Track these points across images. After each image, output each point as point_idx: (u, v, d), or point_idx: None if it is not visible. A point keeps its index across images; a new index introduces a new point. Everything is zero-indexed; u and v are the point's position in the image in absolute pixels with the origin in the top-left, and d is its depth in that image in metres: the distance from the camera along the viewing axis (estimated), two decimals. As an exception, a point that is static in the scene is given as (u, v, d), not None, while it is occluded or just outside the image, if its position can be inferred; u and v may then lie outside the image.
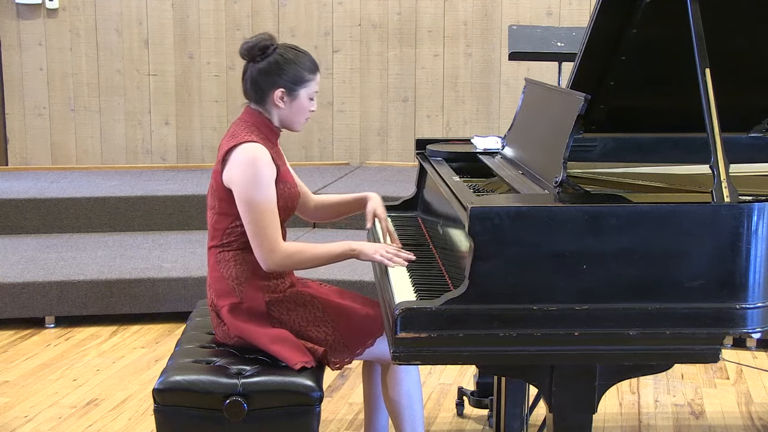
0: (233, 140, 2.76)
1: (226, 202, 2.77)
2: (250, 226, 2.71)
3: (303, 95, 2.81)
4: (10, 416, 3.68)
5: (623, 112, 3.01)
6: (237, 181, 2.72)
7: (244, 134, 2.77)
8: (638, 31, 2.76)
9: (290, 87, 2.79)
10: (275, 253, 2.71)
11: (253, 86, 2.82)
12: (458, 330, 2.19)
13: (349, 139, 6.55)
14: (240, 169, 2.71)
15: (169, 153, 6.58)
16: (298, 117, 2.84)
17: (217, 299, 2.83)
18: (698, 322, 2.22)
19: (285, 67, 2.78)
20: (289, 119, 2.84)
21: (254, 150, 2.72)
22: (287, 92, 2.79)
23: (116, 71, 6.50)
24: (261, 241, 2.71)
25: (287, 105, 2.80)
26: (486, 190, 2.85)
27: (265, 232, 2.70)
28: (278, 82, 2.78)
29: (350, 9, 6.43)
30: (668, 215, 2.21)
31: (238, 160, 2.72)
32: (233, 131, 2.81)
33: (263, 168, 2.71)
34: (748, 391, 3.99)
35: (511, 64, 6.13)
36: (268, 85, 2.79)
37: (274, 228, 2.71)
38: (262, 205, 2.70)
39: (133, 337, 4.60)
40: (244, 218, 2.72)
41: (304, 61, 2.81)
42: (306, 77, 2.80)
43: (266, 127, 2.83)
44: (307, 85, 2.81)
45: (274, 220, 2.72)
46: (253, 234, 2.72)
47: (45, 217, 5.52)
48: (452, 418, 3.68)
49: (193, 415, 2.63)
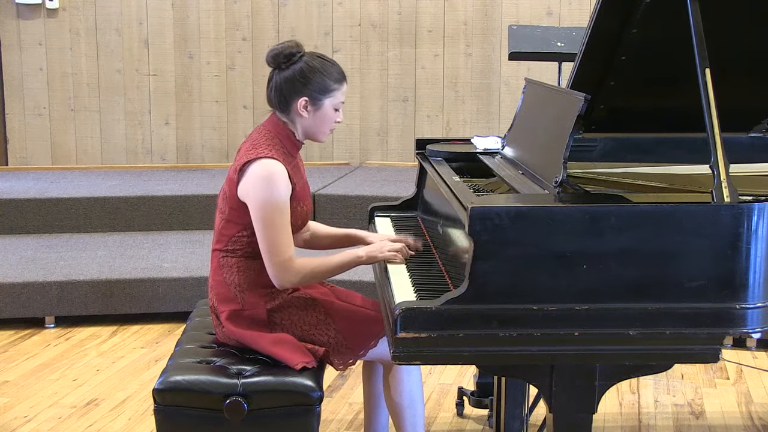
0: (253, 152, 2.73)
1: (237, 211, 2.76)
2: (263, 243, 2.70)
3: (328, 105, 2.76)
4: (10, 416, 3.68)
5: (623, 112, 3.01)
6: (253, 198, 2.69)
7: (264, 147, 2.73)
8: (638, 31, 2.76)
9: (315, 96, 2.74)
10: (288, 270, 2.70)
11: (277, 94, 2.77)
12: (458, 330, 2.19)
13: (349, 139, 6.55)
14: (257, 187, 2.68)
15: (169, 153, 6.58)
16: (322, 127, 2.79)
17: (218, 304, 2.83)
18: (698, 322, 2.22)
19: (310, 75, 2.73)
20: (313, 130, 2.80)
21: (271, 166, 2.69)
22: (311, 101, 2.74)
23: (116, 71, 6.50)
24: (274, 259, 2.69)
25: (311, 115, 2.76)
26: (486, 190, 2.85)
27: (278, 249, 2.68)
28: (303, 90, 2.73)
29: (350, 9, 6.43)
30: (668, 215, 2.21)
31: (256, 175, 2.69)
32: (254, 139, 2.78)
33: (279, 186, 2.68)
34: (748, 391, 3.99)
35: (511, 64, 6.13)
36: (292, 94, 2.74)
37: (287, 245, 2.70)
38: (275, 223, 2.67)
39: (133, 337, 4.59)
40: (259, 235, 2.70)
41: (331, 71, 2.76)
42: (331, 87, 2.75)
43: (288, 139, 2.80)
44: (333, 95, 2.76)
45: (286, 238, 2.70)
46: (265, 251, 2.70)
47: (45, 217, 5.52)
48: (452, 418, 3.68)
49: (193, 415, 2.63)
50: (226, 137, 6.55)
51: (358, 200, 5.45)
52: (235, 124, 6.54)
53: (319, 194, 5.55)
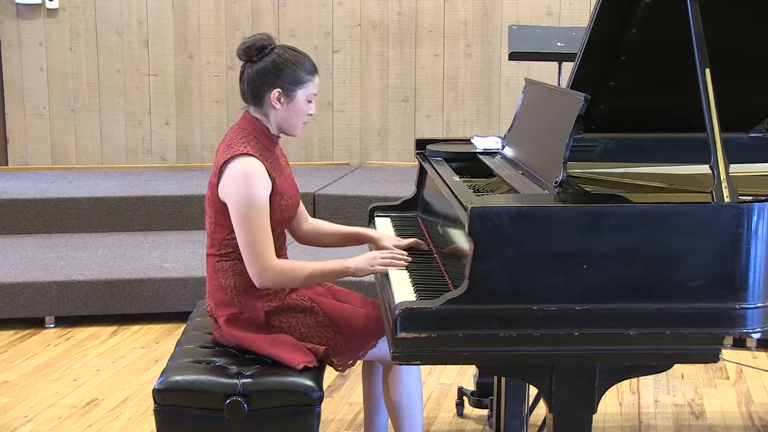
0: (228, 152, 2.72)
1: (221, 214, 2.75)
2: (242, 242, 2.69)
3: (300, 97, 2.76)
4: (10, 416, 3.68)
5: (623, 112, 3.01)
6: (231, 197, 2.69)
7: (239, 145, 2.73)
8: (638, 31, 2.76)
9: (287, 87, 2.74)
10: (267, 270, 2.68)
11: (249, 87, 2.78)
12: (458, 330, 2.19)
13: (349, 139, 6.55)
14: (234, 185, 2.68)
15: (169, 153, 6.58)
16: (296, 120, 2.79)
17: (216, 308, 2.82)
18: (698, 322, 2.22)
19: (282, 67, 2.74)
20: (287, 122, 2.79)
21: (248, 164, 2.68)
22: (284, 93, 2.75)
23: (116, 71, 6.50)
24: (253, 258, 2.68)
25: (284, 107, 2.76)
26: (486, 190, 2.85)
27: (257, 249, 2.67)
28: (275, 82, 2.74)
29: (350, 9, 6.42)
30: (668, 215, 2.21)
31: (233, 174, 2.68)
32: (229, 140, 2.78)
33: (257, 183, 2.67)
34: (748, 391, 3.99)
35: (511, 64, 6.13)
36: (265, 86, 2.75)
37: (267, 246, 2.68)
38: (254, 223, 2.66)
39: (133, 337, 4.59)
40: (238, 234, 2.69)
41: (303, 62, 2.77)
42: (304, 78, 2.76)
43: (263, 134, 2.79)
44: (305, 86, 2.76)
45: (266, 238, 2.68)
46: (244, 250, 2.69)
47: (45, 217, 5.52)
48: (452, 418, 3.68)
49: (193, 415, 2.63)
50: (226, 137, 6.54)
51: (358, 200, 5.45)
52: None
53: (319, 194, 5.55)
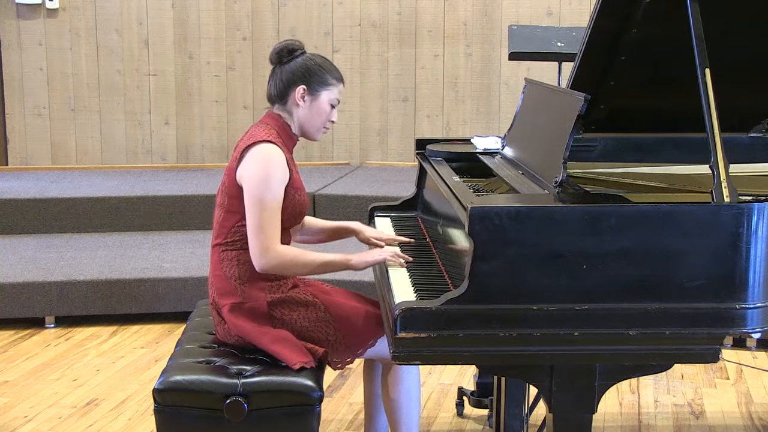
0: (251, 140, 2.78)
1: (236, 199, 2.78)
2: (251, 221, 2.72)
3: (324, 98, 2.84)
4: (10, 416, 3.68)
5: (623, 112, 3.01)
6: (248, 177, 2.73)
7: (262, 134, 2.79)
8: (638, 31, 2.76)
9: (313, 86, 2.83)
10: (269, 252, 2.71)
11: (276, 85, 2.85)
12: (458, 330, 2.19)
13: (349, 139, 6.55)
14: (253, 166, 2.73)
15: (169, 153, 6.58)
16: (317, 121, 2.85)
17: (219, 298, 2.83)
18: (698, 322, 2.22)
19: (311, 68, 2.83)
20: (308, 122, 2.85)
21: (270, 150, 2.75)
22: (309, 90, 2.82)
23: (116, 71, 6.50)
24: (258, 238, 2.71)
25: (307, 104, 2.83)
26: (486, 190, 2.85)
27: (263, 230, 2.71)
28: (301, 79, 2.83)
29: (350, 9, 6.43)
30: (668, 215, 2.21)
31: (254, 157, 2.74)
32: (252, 132, 2.83)
33: (276, 168, 2.73)
34: (748, 391, 3.99)
35: (511, 64, 6.13)
36: (291, 83, 2.83)
37: (274, 228, 2.72)
38: (266, 203, 2.70)
39: (133, 337, 4.60)
40: (248, 212, 2.73)
41: (331, 68, 2.87)
42: (330, 81, 2.85)
43: (285, 132, 2.85)
44: (330, 89, 2.85)
45: (274, 221, 2.72)
46: (251, 229, 2.72)
47: (45, 217, 5.52)
48: (452, 418, 3.68)
49: (193, 415, 2.63)
50: (226, 137, 6.55)
51: (358, 200, 5.45)
52: (235, 124, 6.54)
53: (319, 194, 5.55)
